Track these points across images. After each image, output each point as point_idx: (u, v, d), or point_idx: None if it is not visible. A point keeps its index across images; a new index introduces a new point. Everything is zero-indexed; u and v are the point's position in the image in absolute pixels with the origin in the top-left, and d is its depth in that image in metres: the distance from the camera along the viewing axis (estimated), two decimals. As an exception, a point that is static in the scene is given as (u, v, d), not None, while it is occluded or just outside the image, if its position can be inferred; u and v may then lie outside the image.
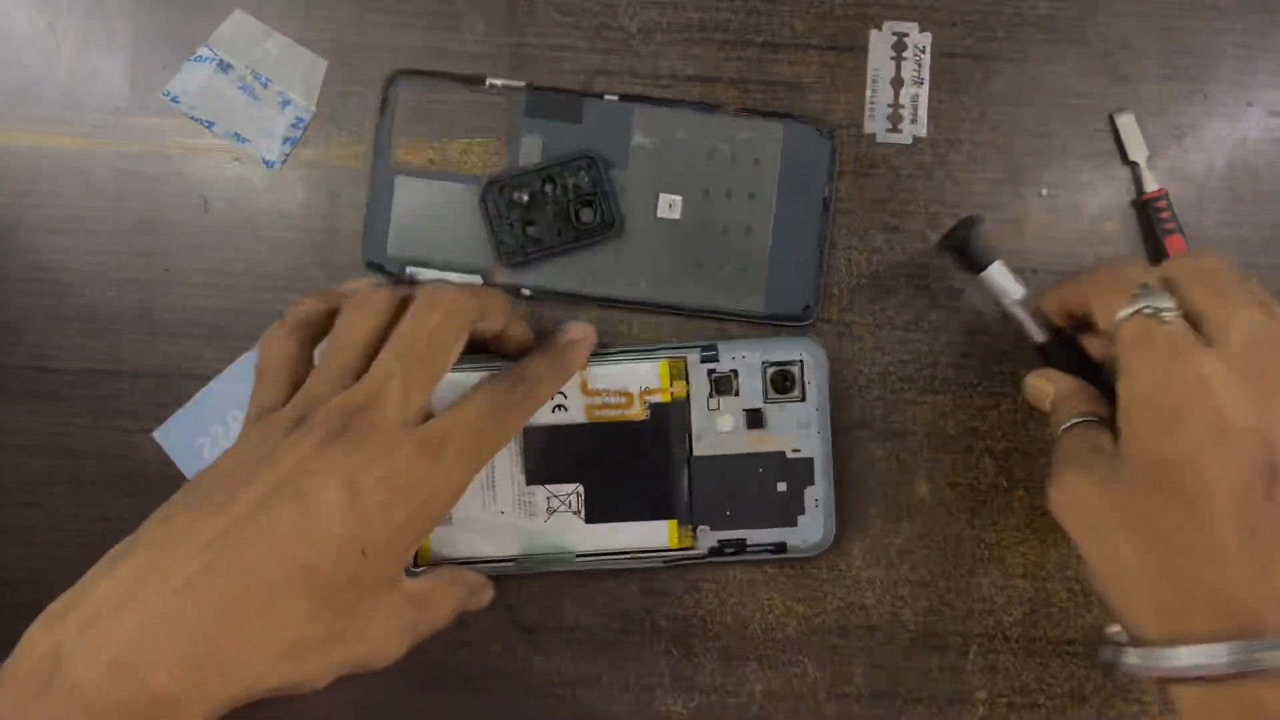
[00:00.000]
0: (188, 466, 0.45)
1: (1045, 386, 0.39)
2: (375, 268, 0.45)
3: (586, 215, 0.45)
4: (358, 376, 0.35)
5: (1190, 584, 0.30)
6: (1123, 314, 0.34)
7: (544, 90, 0.45)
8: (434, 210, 0.45)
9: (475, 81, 0.45)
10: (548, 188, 0.44)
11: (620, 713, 0.45)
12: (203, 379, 0.45)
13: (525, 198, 0.44)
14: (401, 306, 0.37)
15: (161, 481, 0.45)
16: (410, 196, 0.45)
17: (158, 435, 0.45)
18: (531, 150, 0.45)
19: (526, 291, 0.45)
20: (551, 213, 0.44)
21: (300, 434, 0.33)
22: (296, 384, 0.37)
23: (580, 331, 0.42)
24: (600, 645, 0.46)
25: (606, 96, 0.45)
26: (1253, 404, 0.30)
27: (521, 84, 0.45)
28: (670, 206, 0.45)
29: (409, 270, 0.45)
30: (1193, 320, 0.33)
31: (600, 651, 0.46)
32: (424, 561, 0.44)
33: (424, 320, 0.36)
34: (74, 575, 0.45)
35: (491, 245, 0.45)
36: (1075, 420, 0.36)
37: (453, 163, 0.45)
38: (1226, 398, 0.30)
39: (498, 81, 0.45)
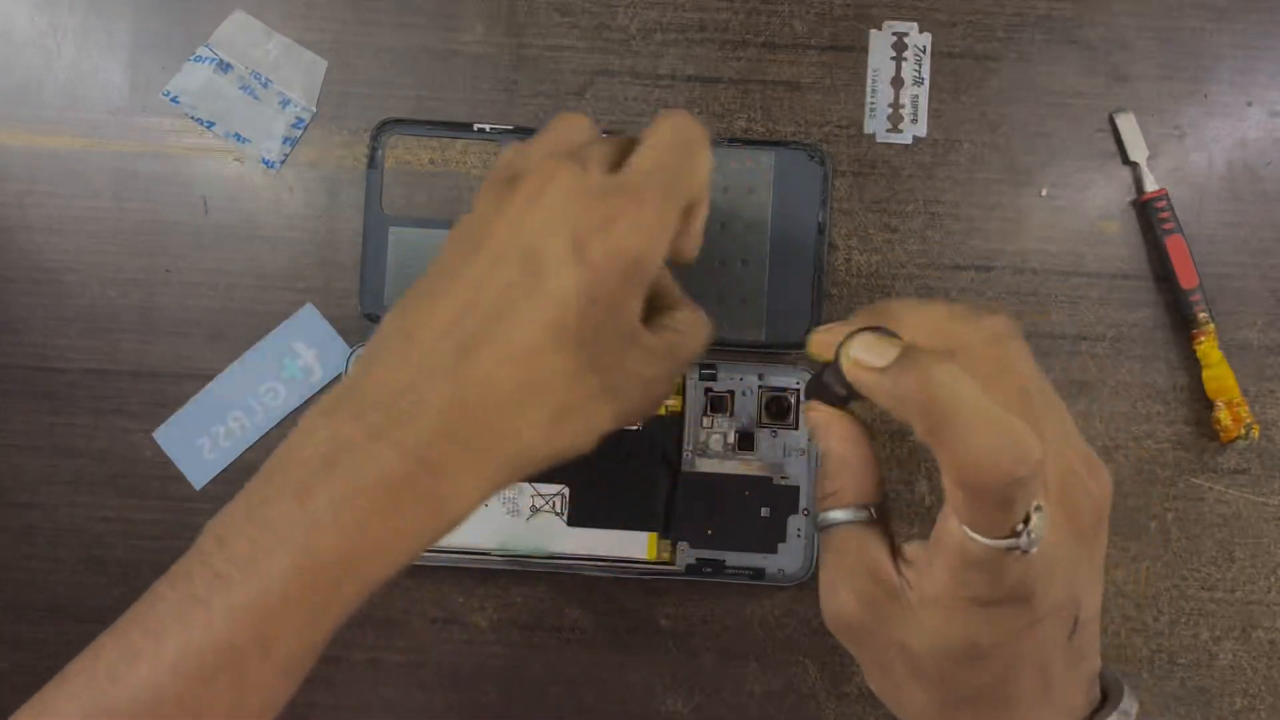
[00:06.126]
0: (187, 466, 0.45)
1: (823, 433, 0.32)
2: (373, 320, 0.45)
3: None
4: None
5: None
6: (990, 542, 0.27)
7: (533, 132, 0.45)
8: (430, 258, 0.44)
9: (464, 128, 0.45)
10: None
11: (620, 713, 0.45)
12: (203, 379, 0.45)
13: None
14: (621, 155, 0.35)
15: (161, 481, 0.45)
16: (405, 246, 0.45)
17: (158, 435, 0.45)
18: None
19: None
20: None
21: (512, 193, 0.32)
22: None
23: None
24: (600, 645, 0.46)
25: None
26: (1067, 570, 0.28)
27: (510, 127, 0.45)
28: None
29: None
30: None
31: (600, 651, 0.46)
32: None
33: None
34: (74, 575, 0.46)
35: None
36: (848, 518, 0.31)
37: (452, 160, 0.45)
38: (1043, 588, 0.28)
39: (486, 126, 0.45)
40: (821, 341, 0.32)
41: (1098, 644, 0.31)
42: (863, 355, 0.29)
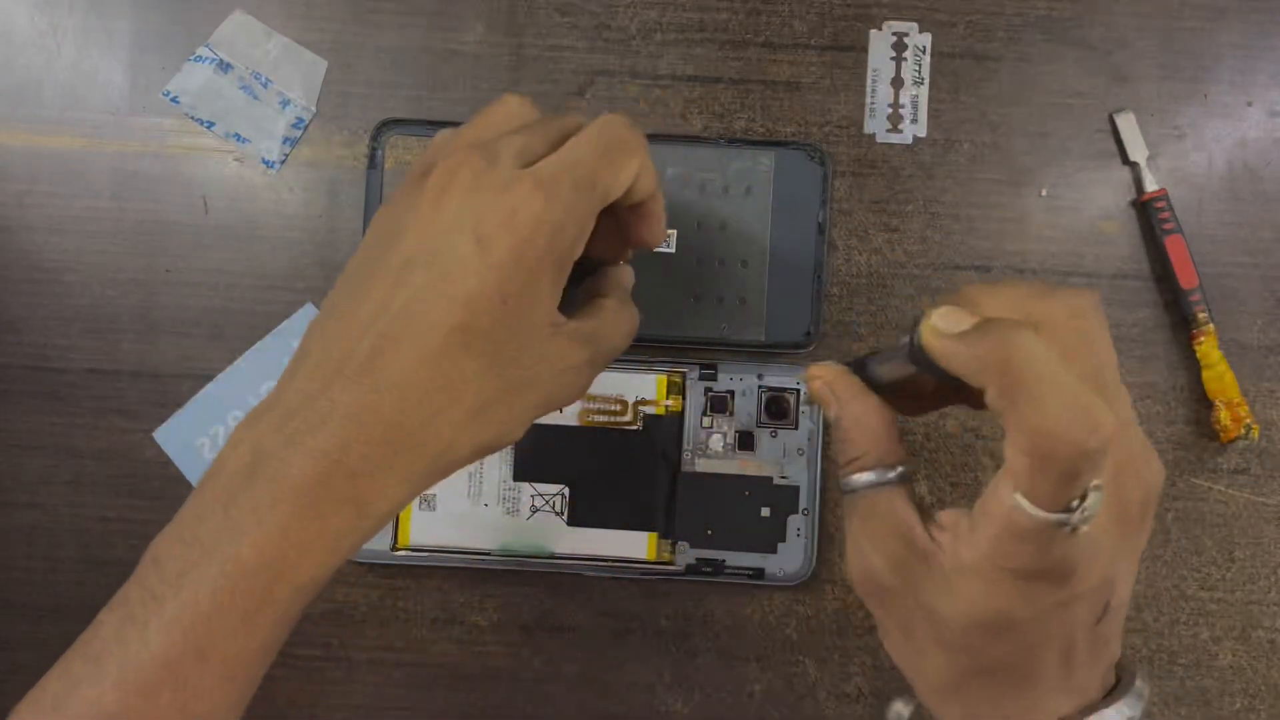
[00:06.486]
0: (187, 466, 0.45)
1: (829, 399, 0.31)
2: None
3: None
4: None
5: (1004, 704, 0.30)
6: (1043, 514, 0.27)
7: None
8: None
9: None
10: None
11: (620, 712, 0.45)
12: (203, 379, 0.45)
13: None
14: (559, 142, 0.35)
15: (161, 482, 0.45)
16: None
17: (158, 435, 0.45)
18: None
19: None
20: None
21: (422, 187, 0.32)
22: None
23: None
24: (600, 645, 0.46)
25: None
26: (1109, 554, 0.29)
27: None
28: (665, 241, 0.45)
29: None
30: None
31: (600, 651, 0.46)
32: (402, 547, 0.44)
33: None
34: (74, 575, 0.46)
35: None
36: (875, 480, 0.31)
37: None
38: (1085, 568, 0.28)
39: None
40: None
41: (1121, 633, 0.31)
42: (942, 323, 0.28)
